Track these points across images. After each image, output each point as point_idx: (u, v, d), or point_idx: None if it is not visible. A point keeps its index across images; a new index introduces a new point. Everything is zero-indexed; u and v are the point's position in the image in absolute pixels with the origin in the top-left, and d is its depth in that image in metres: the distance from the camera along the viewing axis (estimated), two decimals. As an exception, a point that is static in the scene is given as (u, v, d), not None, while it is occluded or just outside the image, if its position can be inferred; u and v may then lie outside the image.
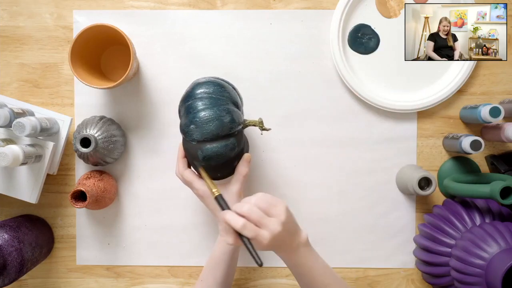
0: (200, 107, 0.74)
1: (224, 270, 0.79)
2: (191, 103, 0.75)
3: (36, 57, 0.92)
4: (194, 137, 0.74)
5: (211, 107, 0.74)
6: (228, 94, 0.77)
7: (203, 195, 0.78)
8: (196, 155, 0.75)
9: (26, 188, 0.87)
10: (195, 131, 0.73)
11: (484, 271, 0.75)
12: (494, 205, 0.83)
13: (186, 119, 0.75)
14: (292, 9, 0.92)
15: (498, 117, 0.82)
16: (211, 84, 0.77)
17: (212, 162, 0.75)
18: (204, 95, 0.75)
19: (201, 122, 0.73)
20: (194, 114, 0.74)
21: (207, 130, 0.73)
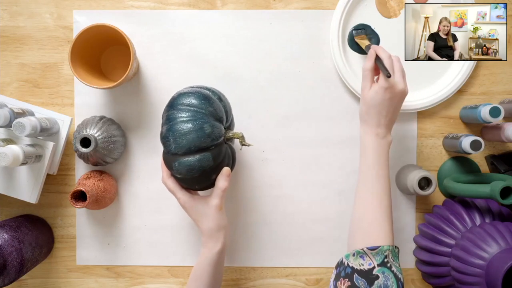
0: (179, 119, 0.73)
1: (208, 281, 0.78)
2: (171, 113, 0.74)
3: (36, 57, 0.92)
4: (170, 149, 0.73)
5: (190, 121, 0.73)
6: (211, 108, 0.75)
7: (184, 205, 0.78)
8: (171, 166, 0.75)
9: (26, 188, 0.87)
10: (171, 144, 0.73)
11: (484, 271, 0.75)
12: (494, 205, 0.83)
13: (164, 129, 0.74)
14: (292, 9, 0.92)
15: (498, 117, 0.82)
16: (195, 96, 0.75)
17: (187, 175, 0.74)
18: (185, 108, 0.74)
19: (177, 135, 0.72)
20: (171, 125, 0.73)
21: (181, 144, 0.72)
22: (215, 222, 0.77)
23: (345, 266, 0.69)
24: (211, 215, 0.77)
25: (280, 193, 0.92)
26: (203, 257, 0.78)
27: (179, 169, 0.74)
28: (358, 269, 0.67)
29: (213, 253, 0.77)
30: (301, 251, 0.93)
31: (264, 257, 0.93)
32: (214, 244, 0.77)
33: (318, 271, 0.93)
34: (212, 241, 0.77)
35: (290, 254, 0.93)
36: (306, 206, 0.92)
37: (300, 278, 0.93)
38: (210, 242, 0.77)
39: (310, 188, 0.92)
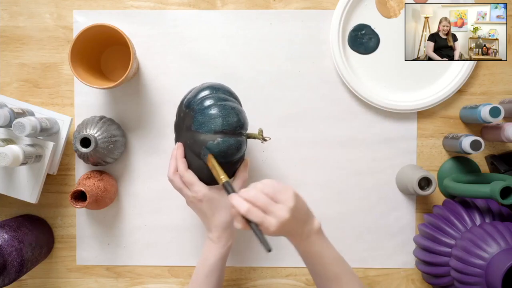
0: (220, 102, 0.74)
1: (218, 277, 0.78)
2: (205, 97, 0.75)
3: (36, 57, 0.92)
4: (212, 128, 0.73)
5: (223, 105, 0.74)
6: (237, 96, 0.80)
7: (202, 198, 0.76)
8: (207, 146, 0.73)
9: (26, 188, 0.87)
10: (214, 122, 0.73)
11: (484, 271, 0.75)
12: (494, 205, 0.83)
13: (196, 116, 0.74)
14: (292, 9, 0.92)
15: (498, 117, 0.82)
16: (220, 86, 0.78)
17: (221, 157, 0.74)
18: (214, 95, 0.76)
19: (214, 116, 0.73)
20: (214, 106, 0.74)
21: (229, 121, 0.73)
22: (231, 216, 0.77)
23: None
24: (230, 207, 0.75)
25: (280, 193, 0.92)
26: (215, 253, 0.77)
27: (215, 148, 0.73)
28: None
29: (227, 247, 0.78)
30: (301, 251, 0.93)
31: (264, 257, 0.93)
32: (227, 240, 0.77)
33: (318, 271, 0.93)
34: (226, 235, 0.77)
35: (290, 254, 0.93)
36: (306, 206, 0.92)
37: (300, 278, 0.93)
38: (223, 237, 0.77)
39: (310, 188, 0.92)
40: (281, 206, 0.66)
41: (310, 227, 0.70)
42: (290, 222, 0.66)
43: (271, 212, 0.65)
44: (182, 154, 0.78)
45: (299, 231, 0.69)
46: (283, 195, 0.67)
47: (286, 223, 0.65)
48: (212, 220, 0.77)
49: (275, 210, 0.65)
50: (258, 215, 0.65)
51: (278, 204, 0.66)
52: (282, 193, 0.67)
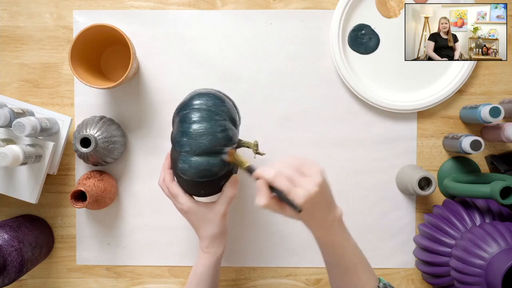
0: (196, 119, 0.71)
1: (210, 284, 0.77)
2: (187, 112, 0.72)
3: (36, 57, 0.92)
4: (184, 149, 0.71)
5: (207, 121, 0.71)
6: (227, 110, 0.74)
7: (187, 211, 0.75)
8: (179, 167, 0.72)
9: (26, 188, 0.87)
10: (186, 143, 0.70)
11: (484, 271, 0.75)
12: (494, 205, 0.83)
13: (179, 129, 0.72)
14: (292, 9, 0.92)
15: (498, 117, 0.82)
16: (211, 97, 0.73)
17: (196, 178, 0.71)
18: (203, 107, 0.72)
19: (194, 135, 0.70)
20: (188, 125, 0.71)
21: (199, 144, 0.70)
22: (219, 229, 0.76)
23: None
24: (216, 221, 0.75)
25: (280, 193, 0.92)
26: (205, 262, 0.77)
27: (189, 170, 0.71)
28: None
29: (216, 257, 0.77)
30: (301, 251, 0.93)
31: (264, 257, 0.93)
32: (216, 249, 0.77)
33: (318, 271, 0.93)
34: (215, 246, 0.77)
35: (290, 254, 0.93)
36: (306, 206, 0.92)
37: (300, 278, 0.93)
38: (212, 247, 0.77)
39: (310, 188, 0.92)
40: (309, 179, 0.61)
41: (333, 215, 0.66)
42: (317, 198, 0.61)
43: (299, 184, 0.61)
44: (169, 165, 0.77)
45: (323, 217, 0.65)
46: (311, 169, 0.63)
47: (314, 199, 0.61)
48: (200, 232, 0.77)
49: (303, 182, 0.61)
50: (285, 183, 0.60)
51: (306, 177, 0.62)
52: (310, 168, 0.63)
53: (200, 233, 0.77)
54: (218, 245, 0.77)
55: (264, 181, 0.63)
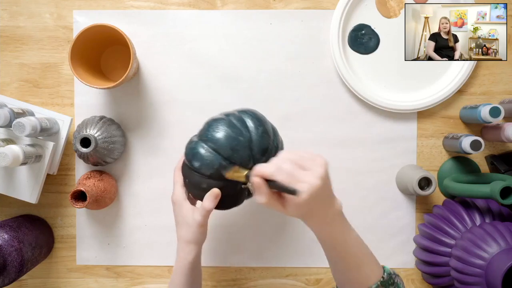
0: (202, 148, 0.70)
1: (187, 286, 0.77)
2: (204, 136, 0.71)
3: (36, 57, 0.92)
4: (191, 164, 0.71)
5: (211, 152, 0.70)
6: (227, 148, 0.70)
7: (175, 203, 0.76)
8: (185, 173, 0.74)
9: (26, 188, 0.87)
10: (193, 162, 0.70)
11: (484, 271, 0.75)
12: (494, 205, 0.83)
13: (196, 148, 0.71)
14: (292, 9, 0.92)
15: (498, 117, 0.82)
16: (222, 130, 0.71)
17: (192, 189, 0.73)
18: (210, 140, 0.71)
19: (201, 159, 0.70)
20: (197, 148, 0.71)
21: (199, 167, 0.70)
22: (193, 236, 0.75)
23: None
24: (193, 227, 0.74)
25: (280, 193, 0.92)
26: (177, 266, 0.76)
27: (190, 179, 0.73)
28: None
29: (185, 263, 0.75)
30: (301, 251, 0.93)
31: (264, 257, 0.93)
32: (186, 255, 0.75)
33: (318, 271, 0.93)
34: (185, 251, 0.75)
35: (290, 254, 0.93)
36: (306, 206, 0.92)
37: (300, 278, 0.93)
38: (181, 251, 0.76)
39: (310, 188, 0.92)
40: (311, 172, 0.59)
41: (334, 209, 0.63)
42: (319, 193, 0.59)
43: (300, 179, 0.58)
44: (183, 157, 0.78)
45: (324, 212, 0.62)
46: (313, 162, 0.60)
47: (316, 193, 0.58)
48: (177, 230, 0.77)
49: (305, 176, 0.58)
50: (286, 178, 0.58)
51: (307, 171, 0.59)
52: (312, 160, 0.60)
53: (177, 231, 0.77)
54: (188, 252, 0.75)
55: (262, 179, 0.60)
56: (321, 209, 0.62)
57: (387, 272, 0.68)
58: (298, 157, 0.61)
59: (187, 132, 0.92)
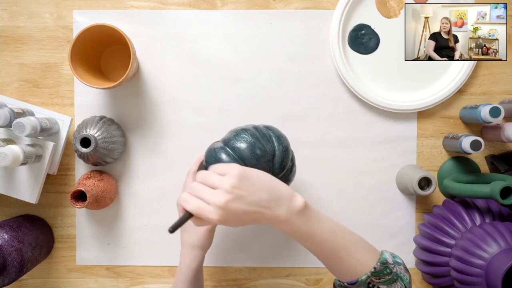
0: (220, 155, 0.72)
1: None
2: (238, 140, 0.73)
3: (36, 57, 0.92)
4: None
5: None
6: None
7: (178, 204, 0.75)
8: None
9: (26, 188, 0.87)
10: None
11: (484, 271, 0.75)
12: (494, 205, 0.83)
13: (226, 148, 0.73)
14: (292, 9, 0.92)
15: (498, 117, 0.82)
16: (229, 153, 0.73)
17: None
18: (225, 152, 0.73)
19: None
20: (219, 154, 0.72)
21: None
22: (199, 241, 0.75)
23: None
24: (200, 232, 0.75)
25: (280, 193, 0.92)
26: (180, 272, 0.76)
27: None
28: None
29: (189, 270, 0.76)
30: (301, 251, 0.93)
31: (264, 257, 0.93)
32: (190, 262, 0.76)
33: (318, 271, 0.93)
34: (190, 257, 0.75)
35: (290, 254, 0.93)
36: (306, 206, 0.92)
37: (300, 278, 0.93)
38: (186, 257, 0.76)
39: (310, 188, 0.92)
40: (218, 191, 0.59)
41: (285, 209, 0.61)
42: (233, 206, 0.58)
43: (207, 200, 0.59)
44: (200, 159, 0.79)
45: (267, 216, 0.61)
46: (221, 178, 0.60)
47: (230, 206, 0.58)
48: (183, 236, 0.77)
49: (210, 196, 0.59)
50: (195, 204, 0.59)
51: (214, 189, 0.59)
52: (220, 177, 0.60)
53: (182, 236, 0.77)
54: (193, 258, 0.75)
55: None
56: (258, 214, 0.61)
57: (381, 261, 0.65)
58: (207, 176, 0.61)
59: (187, 132, 0.92)
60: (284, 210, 0.62)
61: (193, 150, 0.91)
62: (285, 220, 0.62)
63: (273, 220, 0.62)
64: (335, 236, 0.64)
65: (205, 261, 0.93)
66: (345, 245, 0.65)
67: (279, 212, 0.62)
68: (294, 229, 0.63)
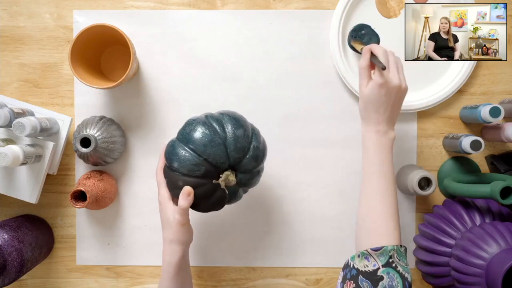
0: (182, 149, 0.73)
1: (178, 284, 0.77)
2: (183, 138, 0.74)
3: (36, 57, 0.92)
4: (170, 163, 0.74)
5: (190, 155, 0.73)
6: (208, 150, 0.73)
7: (160, 203, 0.77)
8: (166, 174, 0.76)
9: (26, 188, 0.87)
10: (173, 161, 0.73)
11: (484, 271, 0.75)
12: (494, 205, 0.83)
13: (176, 147, 0.74)
14: (292, 9, 0.92)
15: (498, 117, 0.82)
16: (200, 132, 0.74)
17: (172, 187, 0.76)
18: (190, 142, 0.73)
19: (179, 159, 0.73)
20: (177, 150, 0.73)
21: (178, 164, 0.73)
22: (175, 235, 0.75)
23: (351, 268, 0.68)
24: (173, 227, 0.75)
25: (280, 193, 0.92)
26: (163, 270, 0.76)
27: (168, 179, 0.75)
28: (363, 271, 0.67)
29: (170, 265, 0.76)
30: (301, 251, 0.93)
31: (264, 257, 0.93)
32: (170, 257, 0.76)
33: (318, 271, 0.93)
34: (168, 252, 0.76)
35: (290, 254, 0.93)
36: (306, 206, 0.92)
37: (300, 278, 0.93)
38: (166, 253, 0.76)
39: (310, 188, 0.92)
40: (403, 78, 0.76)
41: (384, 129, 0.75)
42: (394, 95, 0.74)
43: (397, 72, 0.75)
44: (163, 153, 0.78)
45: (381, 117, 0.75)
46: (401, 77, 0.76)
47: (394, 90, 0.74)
48: (162, 231, 0.77)
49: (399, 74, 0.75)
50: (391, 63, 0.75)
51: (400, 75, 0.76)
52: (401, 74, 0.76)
53: (162, 232, 0.78)
54: (172, 253, 0.75)
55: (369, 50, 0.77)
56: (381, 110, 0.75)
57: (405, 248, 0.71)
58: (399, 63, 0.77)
59: (187, 132, 0.92)
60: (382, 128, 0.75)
61: (193, 150, 0.91)
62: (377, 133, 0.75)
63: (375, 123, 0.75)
64: (392, 187, 0.73)
65: (205, 261, 0.93)
66: (392, 205, 0.72)
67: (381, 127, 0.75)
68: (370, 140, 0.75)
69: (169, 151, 0.74)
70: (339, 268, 0.93)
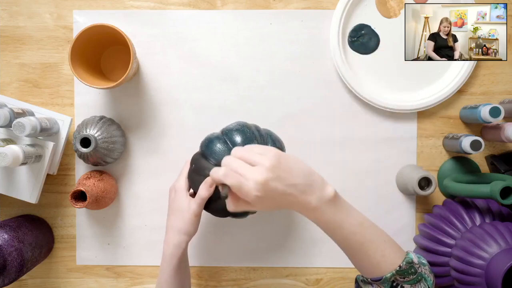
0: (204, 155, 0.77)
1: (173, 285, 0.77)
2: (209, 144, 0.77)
3: (36, 57, 0.92)
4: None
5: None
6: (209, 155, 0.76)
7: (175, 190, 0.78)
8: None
9: (26, 188, 0.87)
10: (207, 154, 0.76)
11: (484, 271, 0.75)
12: (494, 205, 0.83)
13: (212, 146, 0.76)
14: (292, 9, 0.92)
15: (498, 117, 0.82)
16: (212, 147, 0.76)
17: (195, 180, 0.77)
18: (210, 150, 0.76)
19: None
20: (212, 146, 0.76)
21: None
22: (185, 225, 0.75)
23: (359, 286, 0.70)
24: (187, 217, 0.75)
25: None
26: (164, 261, 0.76)
27: (196, 164, 0.77)
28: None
29: (175, 257, 0.76)
30: (301, 251, 0.93)
31: (264, 257, 0.93)
32: (174, 249, 0.75)
33: (318, 271, 0.93)
34: (175, 242, 0.75)
35: (290, 254, 0.93)
36: (306, 206, 0.92)
37: (300, 278, 0.93)
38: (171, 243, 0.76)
39: (310, 188, 0.92)
40: (258, 167, 0.59)
41: (317, 196, 0.62)
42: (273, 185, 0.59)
43: (247, 176, 0.59)
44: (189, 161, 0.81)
45: (300, 200, 0.61)
46: (261, 157, 0.60)
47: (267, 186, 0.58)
48: (169, 219, 0.78)
49: (250, 173, 0.59)
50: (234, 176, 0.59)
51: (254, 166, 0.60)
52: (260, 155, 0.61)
53: (168, 220, 0.77)
54: (178, 243, 0.75)
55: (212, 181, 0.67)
56: (293, 197, 0.61)
57: (406, 260, 0.65)
58: (247, 154, 0.61)
59: (187, 132, 0.92)
60: (315, 197, 0.62)
61: (193, 150, 0.91)
62: (316, 207, 0.62)
63: (305, 206, 0.62)
64: (363, 229, 0.65)
65: (205, 261, 0.93)
66: (372, 240, 0.65)
67: (311, 198, 0.62)
68: (323, 218, 0.63)
69: (208, 140, 0.76)
70: (339, 268, 0.93)
